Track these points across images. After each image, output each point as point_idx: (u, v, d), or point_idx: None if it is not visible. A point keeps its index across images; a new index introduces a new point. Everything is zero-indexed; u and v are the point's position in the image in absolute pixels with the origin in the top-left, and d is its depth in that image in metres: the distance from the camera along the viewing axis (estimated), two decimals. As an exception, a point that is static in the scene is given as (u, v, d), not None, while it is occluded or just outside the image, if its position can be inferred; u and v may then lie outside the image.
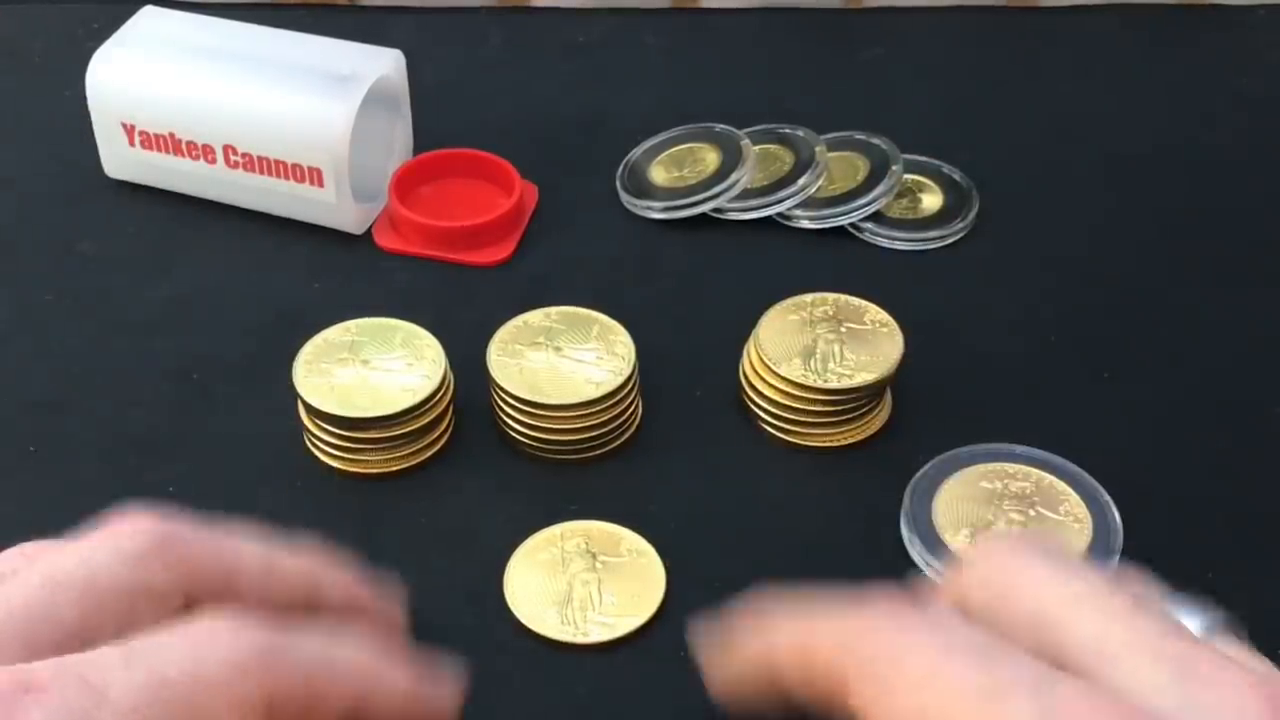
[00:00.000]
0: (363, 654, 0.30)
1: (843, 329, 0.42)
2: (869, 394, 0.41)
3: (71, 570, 0.28)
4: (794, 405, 0.41)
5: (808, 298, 0.42)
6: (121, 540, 0.29)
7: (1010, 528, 0.38)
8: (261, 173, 0.47)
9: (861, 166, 0.49)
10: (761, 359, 0.41)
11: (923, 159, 0.50)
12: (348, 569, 0.33)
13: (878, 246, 0.48)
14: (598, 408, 0.40)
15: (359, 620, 0.33)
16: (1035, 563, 0.27)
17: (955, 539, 0.38)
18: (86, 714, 0.25)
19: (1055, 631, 0.26)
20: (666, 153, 0.50)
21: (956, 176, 0.50)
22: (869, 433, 0.41)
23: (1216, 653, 0.25)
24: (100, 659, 0.26)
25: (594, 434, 0.40)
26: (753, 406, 0.42)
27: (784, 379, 0.40)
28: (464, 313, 0.45)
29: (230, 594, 0.30)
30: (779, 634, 0.28)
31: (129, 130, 0.47)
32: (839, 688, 0.26)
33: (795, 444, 0.41)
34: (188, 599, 0.30)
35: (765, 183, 0.49)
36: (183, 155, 0.47)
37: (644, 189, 0.49)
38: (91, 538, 0.30)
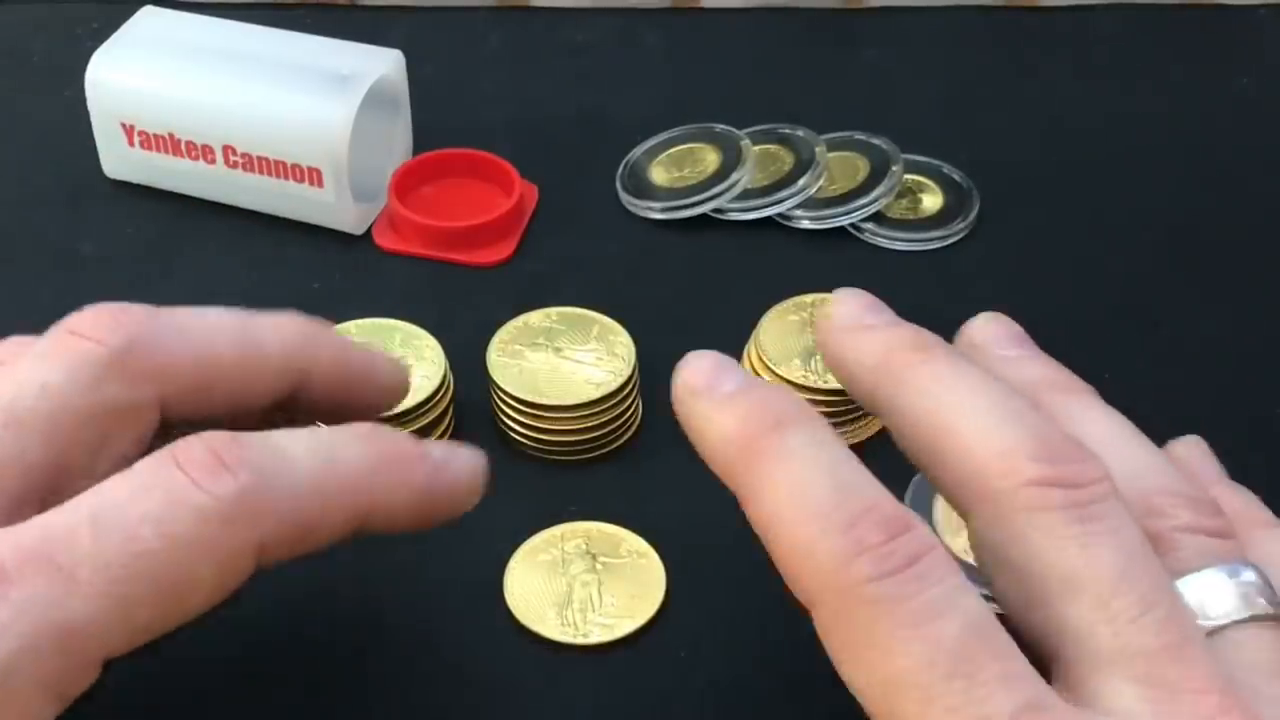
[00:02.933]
0: (361, 463, 0.27)
1: (843, 329, 0.42)
2: (869, 394, 0.41)
3: (33, 405, 0.26)
4: (794, 406, 0.40)
5: (808, 298, 0.42)
6: (81, 355, 0.27)
7: None
8: (261, 173, 0.46)
9: (861, 167, 0.49)
10: (762, 359, 0.41)
11: (923, 159, 0.50)
12: (336, 338, 0.31)
13: (878, 246, 0.48)
14: (598, 408, 0.40)
15: (359, 397, 0.31)
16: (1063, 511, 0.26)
17: (956, 540, 0.38)
18: (57, 604, 0.24)
19: (1049, 605, 0.25)
20: (666, 153, 0.50)
21: (956, 176, 0.50)
22: (869, 433, 0.41)
23: (1204, 672, 0.24)
24: (67, 532, 0.24)
25: (594, 434, 0.40)
26: (753, 407, 0.41)
27: (784, 379, 0.40)
28: (464, 313, 0.45)
29: (205, 391, 0.28)
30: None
31: (128, 130, 0.47)
32: None
33: (795, 444, 0.41)
34: (162, 402, 0.28)
35: (765, 183, 0.49)
36: (182, 155, 0.47)
37: (644, 189, 0.49)
38: (49, 352, 0.27)
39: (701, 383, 0.29)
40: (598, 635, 0.36)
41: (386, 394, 0.33)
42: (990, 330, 0.32)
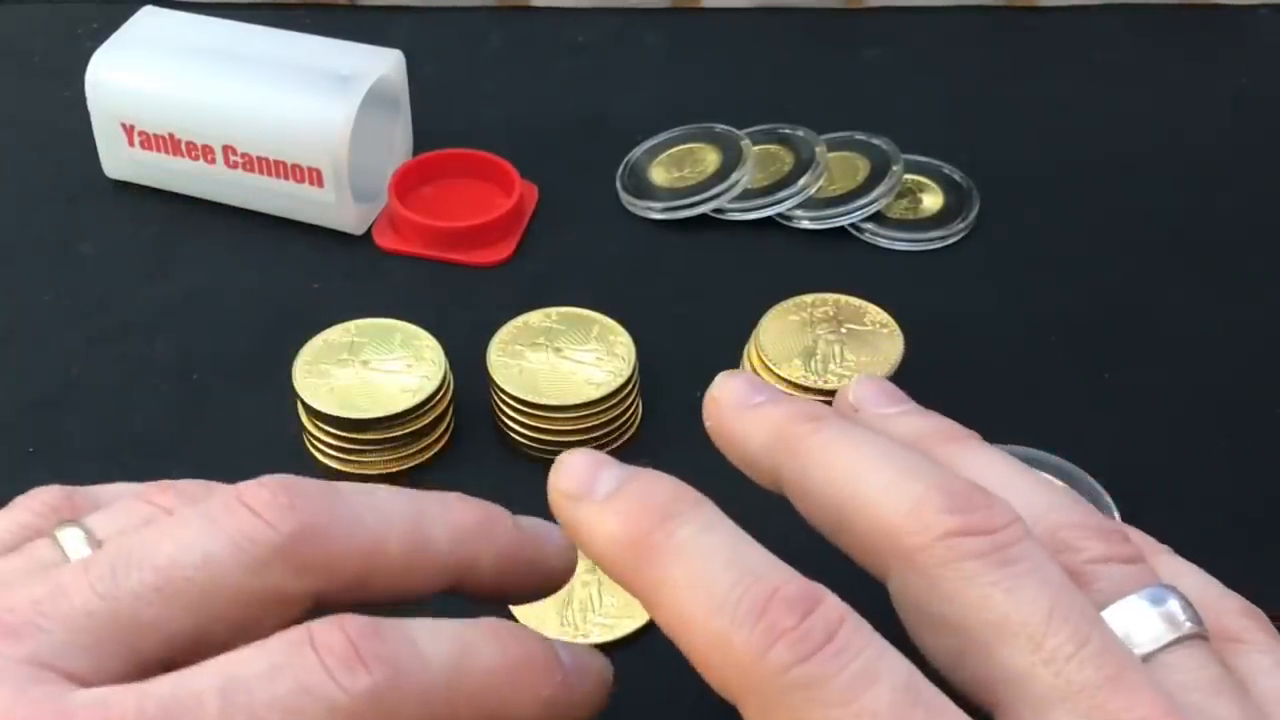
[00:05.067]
0: (495, 668, 0.27)
1: (843, 330, 0.42)
2: (869, 394, 0.41)
3: (191, 575, 0.25)
4: (794, 406, 0.40)
5: (808, 298, 0.42)
6: (251, 534, 0.26)
7: None
8: (261, 173, 0.46)
9: (862, 167, 0.49)
10: (762, 359, 0.41)
11: (923, 159, 0.50)
12: (508, 529, 0.30)
13: (878, 246, 0.48)
14: (598, 409, 0.40)
15: (521, 585, 0.30)
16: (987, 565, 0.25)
17: None
18: None
19: (983, 654, 0.25)
20: (666, 153, 0.50)
21: (956, 176, 0.50)
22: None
23: (1148, 698, 0.24)
24: (195, 702, 0.24)
25: (594, 435, 0.40)
26: (753, 407, 0.41)
27: (784, 380, 0.40)
28: (464, 313, 0.45)
29: (365, 585, 0.27)
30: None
31: (128, 130, 0.47)
32: None
33: (795, 444, 0.41)
34: (318, 593, 0.27)
35: (765, 183, 0.49)
36: (182, 155, 0.47)
37: (644, 189, 0.49)
38: (218, 519, 0.26)
39: (577, 487, 0.27)
40: (598, 635, 0.36)
41: (551, 578, 0.31)
42: (865, 391, 0.31)
